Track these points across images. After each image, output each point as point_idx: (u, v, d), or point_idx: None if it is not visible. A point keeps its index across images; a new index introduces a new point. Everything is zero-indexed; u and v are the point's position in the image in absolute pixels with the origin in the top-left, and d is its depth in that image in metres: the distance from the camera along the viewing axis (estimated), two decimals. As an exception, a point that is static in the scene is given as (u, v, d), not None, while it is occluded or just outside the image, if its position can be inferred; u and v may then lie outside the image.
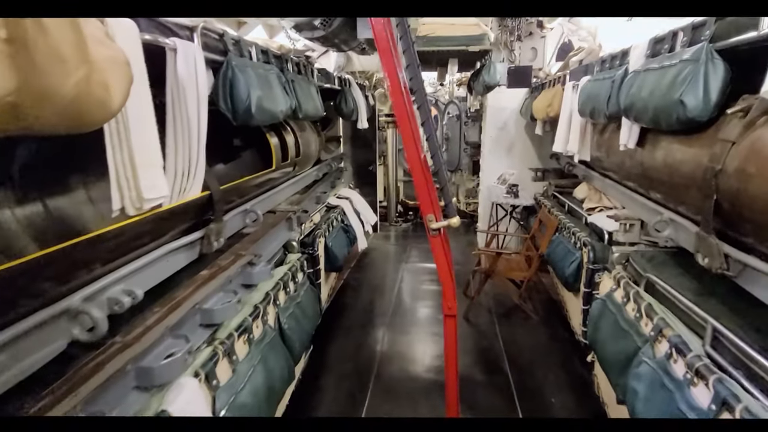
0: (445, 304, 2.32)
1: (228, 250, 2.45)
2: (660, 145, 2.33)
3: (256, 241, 2.63)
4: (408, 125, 2.18)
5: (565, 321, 4.05)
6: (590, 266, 3.14)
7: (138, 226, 1.92)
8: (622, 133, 2.63)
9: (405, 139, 2.20)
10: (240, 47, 2.44)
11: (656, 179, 2.38)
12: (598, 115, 2.95)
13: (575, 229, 3.61)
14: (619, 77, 2.68)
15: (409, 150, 2.19)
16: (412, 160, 2.22)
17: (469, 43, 4.71)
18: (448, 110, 7.67)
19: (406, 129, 2.17)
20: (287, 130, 3.60)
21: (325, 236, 3.89)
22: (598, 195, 4.11)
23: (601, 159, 3.52)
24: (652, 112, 2.17)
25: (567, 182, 4.91)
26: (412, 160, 2.23)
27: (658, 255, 2.67)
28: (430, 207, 2.21)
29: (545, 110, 4.40)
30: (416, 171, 2.21)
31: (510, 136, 6.11)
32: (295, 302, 2.72)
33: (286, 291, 2.69)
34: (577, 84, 3.66)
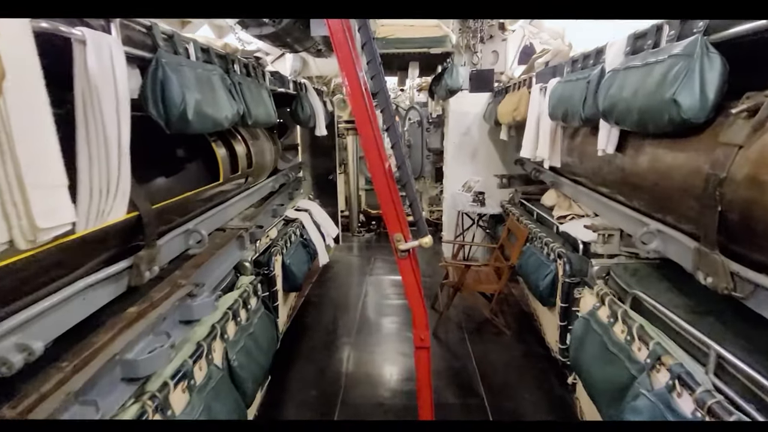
0: (416, 334, 2.04)
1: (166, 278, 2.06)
2: (644, 150, 2.16)
3: (201, 265, 2.24)
4: (370, 131, 1.89)
5: (539, 335, 3.87)
6: (567, 280, 2.96)
7: (39, 260, 1.52)
8: (600, 138, 2.45)
9: (366, 148, 1.90)
10: (174, 43, 2.06)
11: (640, 187, 2.21)
12: (572, 119, 2.77)
13: (548, 239, 3.43)
14: (595, 77, 2.51)
15: (372, 159, 1.90)
16: (375, 171, 1.93)
17: (431, 45, 4.49)
18: (409, 116, 7.46)
19: (367, 136, 1.87)
20: (237, 138, 3.22)
21: (283, 253, 3.51)
22: (567, 202, 3.98)
23: (572, 165, 3.37)
24: (638, 113, 1.98)
25: (534, 189, 4.78)
26: (375, 171, 1.93)
27: (641, 268, 2.50)
28: (397, 225, 1.92)
29: (511, 114, 4.25)
30: (380, 183, 1.91)
31: (473, 142, 5.96)
32: (247, 333, 2.34)
33: (237, 321, 2.31)
34: (545, 86, 3.51)
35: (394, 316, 4.69)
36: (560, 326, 3.05)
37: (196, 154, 2.84)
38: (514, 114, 4.14)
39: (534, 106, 3.71)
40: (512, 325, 4.28)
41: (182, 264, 2.25)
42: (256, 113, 2.80)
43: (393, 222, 1.92)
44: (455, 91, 4.95)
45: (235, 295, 2.37)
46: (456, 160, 6.06)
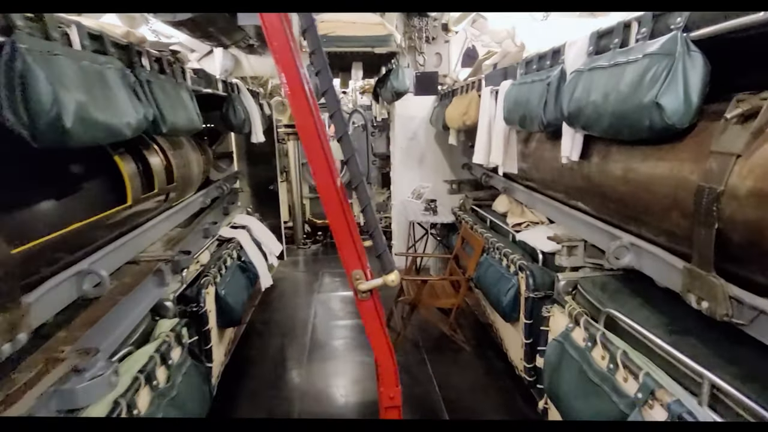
0: (384, 393, 1.69)
1: (42, 346, 1.55)
2: (614, 157, 1.97)
3: (97, 320, 1.75)
4: (315, 138, 1.53)
5: (499, 349, 3.68)
6: (531, 294, 2.76)
7: None
8: (564, 144, 2.26)
9: (312, 160, 1.54)
10: (45, 26, 1.57)
11: (610, 197, 2.02)
12: (530, 124, 2.58)
13: (507, 250, 3.24)
14: (555, 79, 2.32)
15: (320, 174, 1.54)
16: (325, 190, 1.57)
17: (374, 44, 4.20)
18: (353, 120, 7.13)
19: (312, 144, 1.51)
20: (152, 149, 2.70)
21: (216, 283, 3.03)
22: (520, 208, 3.84)
23: (527, 171, 3.20)
24: (610, 118, 1.78)
25: (485, 194, 4.63)
26: (324, 190, 1.57)
27: (609, 281, 2.34)
28: (355, 258, 1.58)
29: (460, 119, 4.05)
30: (332, 206, 1.56)
31: (421, 147, 5.75)
32: (168, 399, 1.87)
33: (153, 386, 1.83)
34: (495, 89, 3.32)
35: (347, 339, 4.32)
36: (525, 344, 2.86)
37: (95, 171, 2.30)
38: (463, 118, 3.94)
39: (485, 109, 3.51)
40: (471, 339, 4.07)
41: (74, 317, 1.75)
42: (172, 118, 2.33)
43: (350, 254, 1.58)
44: (402, 94, 4.69)
45: (149, 351, 1.89)
46: (403, 165, 5.81)
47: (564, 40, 2.35)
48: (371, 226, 1.74)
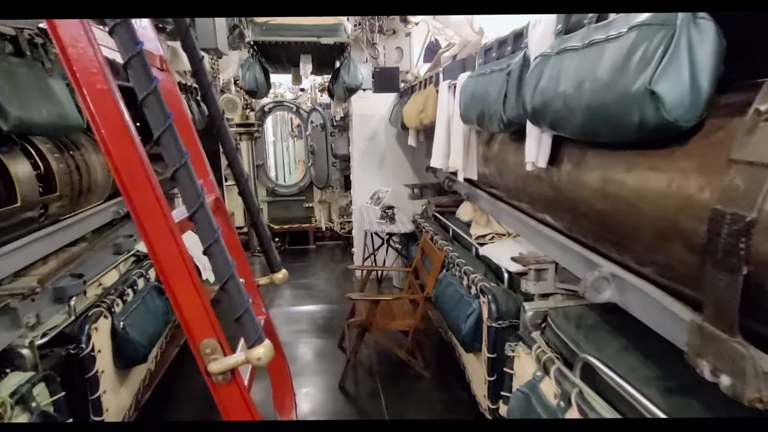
0: None
1: None
2: (590, 165, 1.53)
3: None
4: (135, 164, 1.01)
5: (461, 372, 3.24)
6: (493, 324, 2.31)
7: None
8: (528, 147, 1.81)
9: (131, 193, 1.01)
10: None
11: (587, 215, 1.59)
12: (489, 123, 2.13)
13: (467, 268, 2.79)
14: (516, 67, 1.87)
15: (143, 205, 1.02)
16: (151, 225, 1.05)
17: (321, 34, 3.70)
18: (311, 119, 6.59)
19: (131, 172, 1.00)
20: (13, 152, 2.09)
21: (113, 313, 2.45)
22: (485, 217, 3.41)
23: (490, 176, 2.76)
24: (585, 114, 1.34)
25: (448, 200, 4.19)
26: (150, 225, 1.05)
27: (585, 313, 1.91)
28: (204, 322, 1.07)
29: (418, 117, 3.59)
30: (161, 242, 1.04)
31: (380, 148, 5.27)
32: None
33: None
34: (454, 83, 2.87)
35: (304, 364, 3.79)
36: (489, 381, 2.41)
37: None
38: (420, 116, 3.48)
39: (443, 107, 3.06)
40: (432, 362, 3.62)
41: None
42: (22, 113, 1.74)
43: (194, 315, 1.06)
44: (354, 90, 4.20)
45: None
46: (363, 168, 5.32)
47: (528, 20, 1.91)
48: (222, 276, 1.23)
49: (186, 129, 1.47)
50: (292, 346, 4.05)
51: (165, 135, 0.97)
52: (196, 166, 1.49)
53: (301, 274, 6.02)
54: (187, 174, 0.99)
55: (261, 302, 1.57)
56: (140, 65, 0.96)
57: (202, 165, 1.51)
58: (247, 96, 5.46)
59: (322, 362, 3.81)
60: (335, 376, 3.45)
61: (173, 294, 1.03)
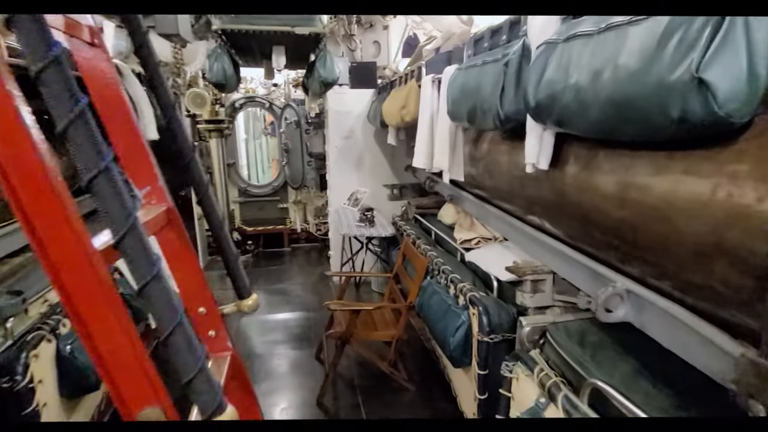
0: None
1: None
2: (603, 168, 1.34)
3: None
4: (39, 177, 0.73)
5: (445, 384, 3.05)
6: (485, 338, 2.12)
7: None
8: (529, 147, 1.61)
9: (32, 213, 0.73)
10: None
11: (599, 224, 1.39)
12: (483, 119, 1.91)
13: (454, 276, 2.59)
14: (515, 57, 1.67)
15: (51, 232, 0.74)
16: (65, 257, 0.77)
17: (296, 23, 3.41)
18: (285, 115, 6.27)
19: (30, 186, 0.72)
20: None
21: (58, 335, 2.12)
22: (469, 220, 3.22)
23: (477, 177, 2.57)
24: (604, 108, 1.14)
25: (429, 201, 3.99)
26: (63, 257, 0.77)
27: (587, 329, 1.73)
28: (143, 385, 0.81)
29: (399, 114, 3.36)
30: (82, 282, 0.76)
31: (358, 147, 5.02)
32: None
33: None
34: (438, 77, 2.65)
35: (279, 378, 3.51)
36: (479, 400, 2.21)
37: None
38: (402, 113, 3.25)
39: (426, 103, 2.84)
40: (416, 373, 3.41)
41: None
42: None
43: (129, 375, 0.80)
44: (330, 85, 3.94)
45: None
46: (339, 167, 5.06)
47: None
48: (164, 327, 0.98)
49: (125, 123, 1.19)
50: (265, 359, 3.77)
51: (73, 127, 0.70)
52: (137, 169, 1.22)
53: (275, 279, 5.72)
54: (109, 184, 0.72)
55: (226, 333, 1.30)
56: (32, 24, 0.68)
57: (147, 167, 1.23)
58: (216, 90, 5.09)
59: (298, 376, 3.54)
60: (313, 391, 3.20)
61: (95, 349, 0.76)
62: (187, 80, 6.13)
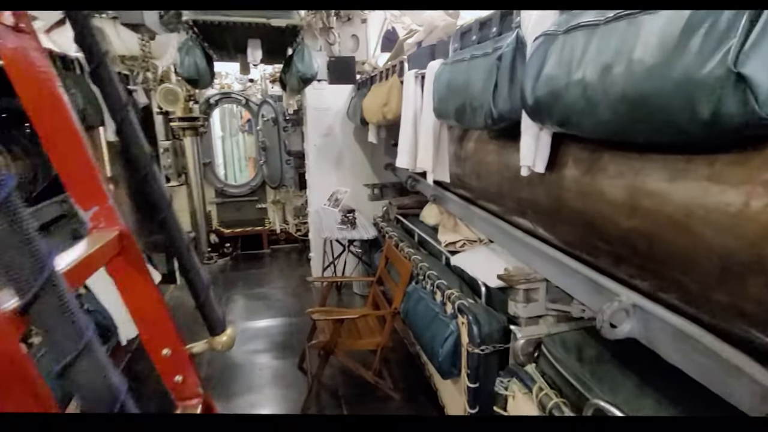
0: None
1: None
2: (609, 172, 1.22)
3: None
4: None
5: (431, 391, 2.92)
6: (476, 350, 1.99)
7: None
8: (525, 148, 1.48)
9: None
10: None
11: (604, 232, 1.27)
12: (472, 117, 1.77)
13: (441, 282, 2.45)
14: (509, 51, 1.53)
15: None
16: None
17: (272, 15, 3.20)
18: (262, 112, 6.01)
19: None
20: None
21: None
22: (452, 220, 3.09)
23: (463, 177, 2.43)
24: (617, 107, 1.01)
25: (411, 201, 3.85)
26: None
27: (584, 342, 1.62)
28: None
29: (380, 111, 3.20)
30: None
31: (338, 145, 4.83)
32: None
33: None
34: (422, 73, 2.50)
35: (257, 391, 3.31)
36: (470, 414, 2.09)
37: None
38: (383, 111, 3.09)
39: (409, 100, 2.69)
40: (401, 380, 3.27)
41: None
42: None
43: None
44: (309, 80, 3.74)
45: None
46: (318, 166, 4.86)
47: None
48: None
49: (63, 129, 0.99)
50: (246, 370, 3.57)
51: None
52: (81, 186, 1.02)
53: (255, 283, 5.49)
54: (6, 221, 0.53)
55: (196, 377, 1.12)
56: None
57: (93, 184, 1.03)
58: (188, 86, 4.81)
59: (280, 387, 3.36)
60: (296, 402, 3.03)
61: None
62: (159, 75, 5.81)
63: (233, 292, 5.20)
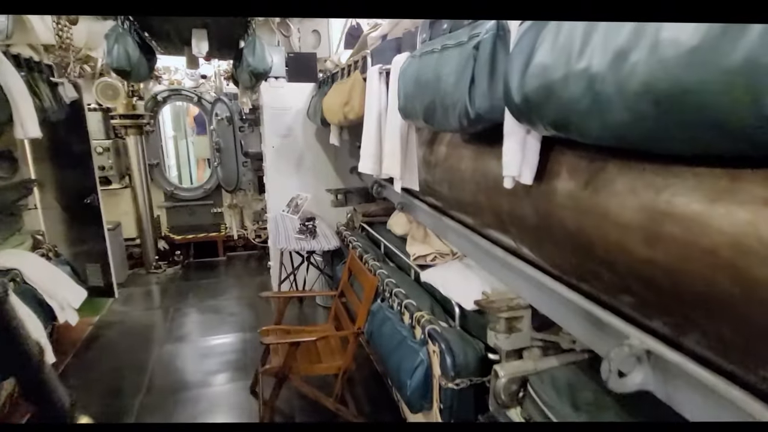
0: None
1: None
2: (618, 187, 0.97)
3: None
4: None
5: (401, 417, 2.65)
6: (450, 384, 1.72)
7: None
8: (509, 155, 1.22)
9: None
10: None
11: (607, 262, 1.02)
12: (444, 118, 1.50)
13: (409, 302, 2.18)
14: (488, 38, 1.26)
15: None
16: None
17: (216, 1, 2.82)
18: (216, 111, 5.55)
19: None
20: None
21: None
22: (422, 230, 2.83)
23: (434, 186, 2.17)
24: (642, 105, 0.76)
25: (378, 208, 3.56)
26: None
27: (576, 380, 1.38)
28: None
29: (341, 111, 2.89)
30: None
31: (298, 147, 4.48)
32: None
33: None
34: (387, 68, 2.22)
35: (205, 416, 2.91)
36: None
37: None
38: (345, 110, 2.79)
39: (372, 98, 2.40)
40: (365, 404, 2.98)
41: None
42: None
43: None
44: (262, 75, 3.38)
45: None
46: (277, 169, 4.49)
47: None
48: None
49: None
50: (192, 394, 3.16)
51: None
52: None
53: (208, 294, 5.04)
54: None
55: None
56: None
57: None
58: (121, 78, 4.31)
59: (231, 414, 2.99)
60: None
61: None
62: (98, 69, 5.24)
63: (182, 305, 4.74)
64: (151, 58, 3.35)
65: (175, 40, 3.69)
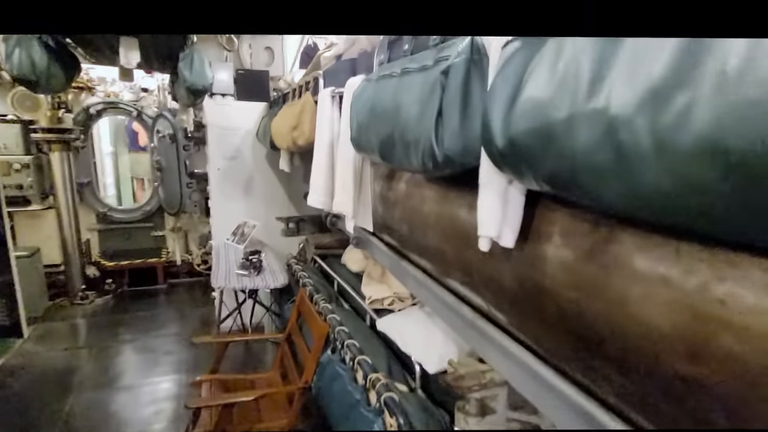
0: None
1: None
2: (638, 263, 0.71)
3: None
4: None
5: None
6: (411, 471, 1.40)
7: None
8: (485, 211, 0.94)
9: None
10: None
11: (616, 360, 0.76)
12: (405, 156, 1.21)
13: (363, 358, 1.85)
14: (460, 63, 1.00)
15: None
16: None
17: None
18: (158, 127, 5.03)
19: None
20: None
21: None
22: (380, 268, 2.53)
23: (393, 225, 1.88)
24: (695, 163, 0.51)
25: (332, 240, 3.23)
26: None
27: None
28: None
29: (290, 135, 2.56)
30: None
31: (247, 169, 4.08)
32: None
33: None
34: (339, 92, 1.94)
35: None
36: None
37: None
38: (293, 135, 2.46)
39: (324, 124, 2.10)
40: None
41: None
42: None
43: None
44: (200, 92, 2.99)
45: None
46: (223, 193, 4.05)
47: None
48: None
49: None
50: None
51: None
52: None
53: (143, 329, 4.44)
54: None
55: None
56: None
57: None
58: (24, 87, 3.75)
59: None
60: None
61: None
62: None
63: (110, 342, 4.12)
64: (71, 67, 2.86)
65: (102, 49, 3.22)
